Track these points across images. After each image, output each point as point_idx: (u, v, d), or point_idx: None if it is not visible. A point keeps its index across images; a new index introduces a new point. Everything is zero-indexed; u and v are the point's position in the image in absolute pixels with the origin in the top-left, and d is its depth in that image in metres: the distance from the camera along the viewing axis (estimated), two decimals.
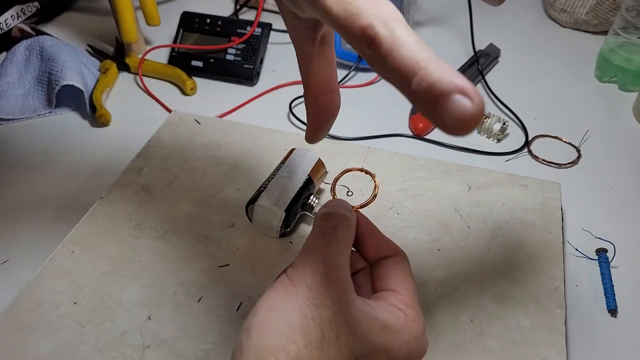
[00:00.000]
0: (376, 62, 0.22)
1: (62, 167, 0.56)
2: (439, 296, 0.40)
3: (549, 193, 0.48)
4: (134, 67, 0.68)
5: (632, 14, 0.62)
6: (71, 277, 0.41)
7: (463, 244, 0.44)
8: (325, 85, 0.33)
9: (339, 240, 0.29)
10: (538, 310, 0.39)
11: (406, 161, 0.52)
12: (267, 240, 0.44)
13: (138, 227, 0.45)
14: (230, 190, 0.49)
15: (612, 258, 0.46)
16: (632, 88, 0.66)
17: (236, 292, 0.40)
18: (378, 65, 0.22)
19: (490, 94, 0.66)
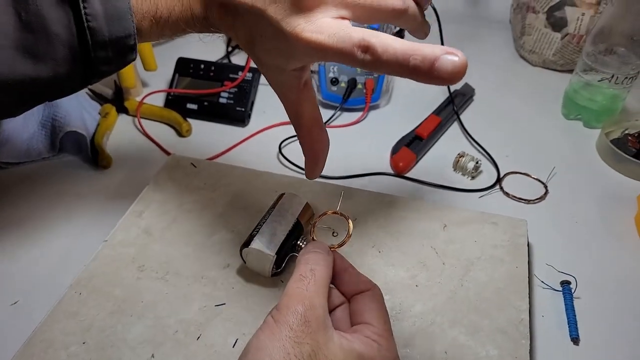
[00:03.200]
0: (375, 62, 0.29)
1: (65, 209, 0.59)
2: (416, 330, 0.44)
3: (516, 230, 0.53)
4: (132, 110, 0.72)
5: (591, 58, 0.68)
6: (79, 318, 0.45)
7: (438, 279, 0.49)
8: (314, 123, 0.38)
9: (317, 282, 0.34)
10: (505, 341, 0.43)
11: (387, 201, 0.56)
12: (260, 279, 0.48)
13: (140, 268, 0.49)
14: (225, 231, 0.53)
15: (575, 289, 0.51)
16: (596, 125, 0.71)
17: (232, 330, 0.44)
18: (377, 64, 0.29)
19: (465, 133, 0.71)
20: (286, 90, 0.37)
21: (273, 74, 0.37)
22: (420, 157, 0.67)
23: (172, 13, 0.36)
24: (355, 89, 0.73)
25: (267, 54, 0.34)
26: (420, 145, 0.67)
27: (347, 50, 0.30)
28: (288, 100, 0.38)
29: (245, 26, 0.34)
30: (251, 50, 0.35)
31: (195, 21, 0.37)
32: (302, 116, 0.38)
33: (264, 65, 0.36)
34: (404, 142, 0.67)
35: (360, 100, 0.73)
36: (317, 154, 0.40)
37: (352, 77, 0.73)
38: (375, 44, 0.29)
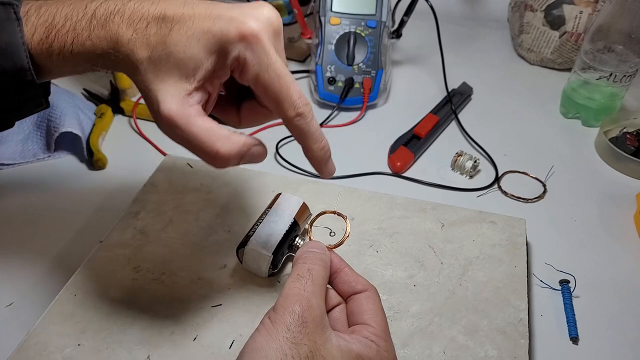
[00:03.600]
0: (302, 124, 0.34)
1: (61, 210, 0.59)
2: (414, 330, 0.44)
3: (514, 229, 0.52)
4: (128, 110, 0.72)
5: (589, 56, 0.67)
6: (75, 320, 0.45)
7: (437, 279, 0.48)
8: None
9: (314, 282, 0.34)
10: (504, 341, 0.43)
11: (385, 200, 0.56)
12: (256, 280, 0.48)
13: (136, 269, 0.49)
14: (222, 232, 0.52)
15: (574, 288, 0.50)
16: (594, 124, 0.71)
17: (228, 330, 0.44)
18: (303, 127, 0.35)
19: (463, 132, 0.70)
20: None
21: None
22: (418, 156, 0.67)
23: (65, 47, 0.34)
24: (352, 88, 0.73)
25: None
26: (418, 145, 0.67)
27: (291, 112, 0.34)
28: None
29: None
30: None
31: (96, 58, 0.35)
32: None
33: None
34: (402, 142, 0.67)
35: (357, 99, 0.73)
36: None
37: (349, 77, 0.73)
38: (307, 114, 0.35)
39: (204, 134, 0.33)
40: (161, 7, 0.33)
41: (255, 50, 0.32)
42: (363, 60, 0.73)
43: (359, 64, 0.73)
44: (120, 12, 0.33)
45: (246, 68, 0.33)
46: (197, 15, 0.32)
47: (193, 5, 0.33)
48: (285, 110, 0.34)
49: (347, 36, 0.72)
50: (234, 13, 0.32)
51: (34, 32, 0.34)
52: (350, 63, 0.73)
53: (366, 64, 0.73)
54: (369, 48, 0.73)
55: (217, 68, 0.33)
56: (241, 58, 0.32)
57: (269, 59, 0.33)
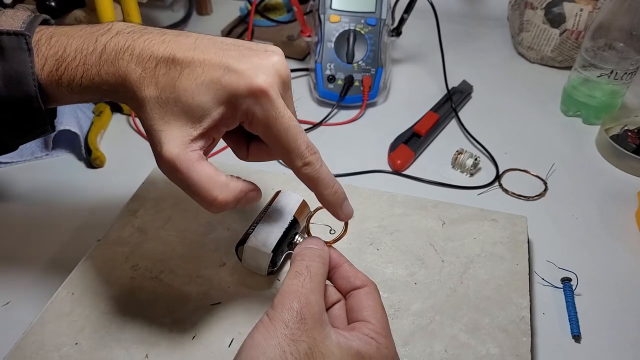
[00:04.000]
0: (310, 173, 0.35)
1: (59, 208, 0.58)
2: (415, 328, 0.44)
3: (516, 227, 0.52)
4: (127, 108, 0.72)
5: (590, 54, 0.67)
6: (72, 319, 0.44)
7: (438, 277, 0.48)
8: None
9: (312, 279, 0.33)
10: (506, 339, 0.43)
11: (385, 198, 0.55)
12: (256, 278, 0.47)
13: (134, 268, 0.48)
14: (221, 229, 0.52)
15: (576, 286, 0.50)
16: (595, 122, 0.71)
17: (228, 329, 0.43)
18: (311, 175, 0.35)
19: (463, 130, 0.70)
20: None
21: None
22: (418, 154, 0.66)
23: (74, 80, 0.34)
24: (352, 86, 0.72)
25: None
26: (419, 143, 0.66)
27: (299, 162, 0.35)
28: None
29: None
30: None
31: (105, 92, 0.35)
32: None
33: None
34: (402, 140, 0.66)
35: (357, 97, 0.73)
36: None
37: (349, 75, 0.72)
38: (316, 162, 0.36)
39: (204, 180, 0.33)
40: (171, 47, 0.33)
41: (264, 105, 0.32)
42: (363, 58, 0.72)
43: (358, 62, 0.72)
44: (130, 49, 0.33)
45: (254, 121, 0.33)
46: (208, 62, 0.33)
47: (203, 49, 0.33)
48: (293, 161, 0.34)
49: (346, 34, 0.72)
50: (243, 66, 0.32)
51: (44, 63, 0.34)
52: (349, 61, 0.72)
53: (366, 61, 0.72)
54: (369, 46, 0.72)
55: (225, 118, 0.33)
56: (250, 112, 0.33)
57: (277, 112, 0.33)
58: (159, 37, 0.34)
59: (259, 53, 0.34)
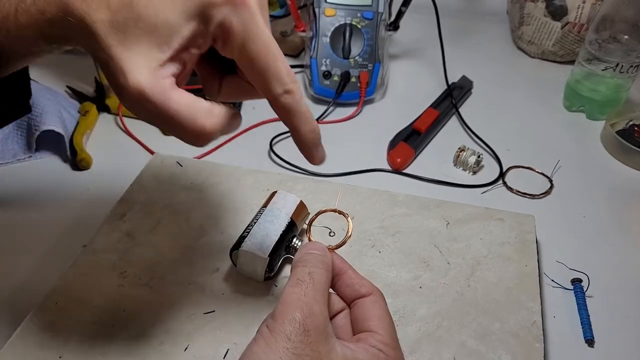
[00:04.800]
0: (291, 103, 0.30)
1: (43, 213, 0.56)
2: (422, 335, 0.41)
3: (523, 226, 0.50)
4: (114, 108, 0.69)
5: (594, 47, 0.65)
6: (56, 330, 0.41)
7: (443, 280, 0.45)
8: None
9: (315, 287, 0.30)
10: (518, 345, 0.40)
11: (385, 198, 0.53)
12: (251, 284, 0.45)
13: (122, 275, 0.45)
14: (214, 233, 0.49)
15: (587, 288, 0.48)
16: (599, 117, 0.69)
17: (222, 339, 0.41)
18: (291, 106, 0.31)
19: (464, 126, 0.68)
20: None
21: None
22: (418, 152, 0.64)
23: (9, 18, 0.29)
24: (348, 82, 0.70)
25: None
26: (419, 140, 0.64)
27: (277, 91, 0.30)
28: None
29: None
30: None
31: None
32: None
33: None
34: (402, 137, 0.64)
35: (354, 94, 0.70)
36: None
37: (345, 70, 0.70)
38: (296, 91, 0.31)
39: (185, 108, 0.28)
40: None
41: (243, 15, 0.28)
42: (359, 53, 0.70)
43: (355, 57, 0.70)
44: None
45: (231, 36, 0.28)
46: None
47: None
48: (272, 87, 0.30)
49: (342, 28, 0.69)
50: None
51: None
52: (346, 56, 0.70)
53: (363, 57, 0.70)
54: (366, 40, 0.70)
55: (197, 35, 0.28)
56: (226, 24, 0.28)
57: (257, 27, 0.28)
58: None
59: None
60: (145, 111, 0.28)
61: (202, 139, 0.29)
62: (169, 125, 0.29)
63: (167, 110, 0.28)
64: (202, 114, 0.29)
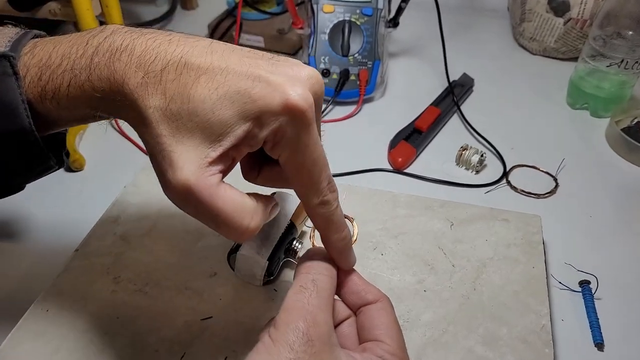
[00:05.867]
0: (325, 213, 0.31)
1: (34, 216, 0.54)
2: (427, 340, 0.40)
3: (529, 227, 0.48)
4: None
5: (599, 42, 0.64)
6: (47, 339, 0.40)
7: (449, 283, 0.44)
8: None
9: (319, 294, 0.29)
10: (527, 350, 0.39)
11: (387, 198, 0.51)
12: (250, 288, 0.43)
13: (116, 280, 0.44)
14: (212, 236, 0.48)
15: (595, 289, 0.46)
16: (604, 114, 0.67)
17: (220, 347, 0.39)
18: (325, 216, 0.31)
19: (467, 125, 0.66)
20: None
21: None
22: (420, 151, 0.62)
23: (60, 90, 0.29)
24: (348, 80, 0.69)
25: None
26: (420, 139, 0.63)
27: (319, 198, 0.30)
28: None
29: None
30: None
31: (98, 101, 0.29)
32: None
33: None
34: (403, 136, 0.63)
35: (353, 92, 0.69)
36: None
37: (344, 68, 0.68)
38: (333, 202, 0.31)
39: (231, 208, 0.27)
40: (182, 49, 0.27)
41: (298, 127, 0.27)
42: (359, 51, 0.68)
43: (354, 55, 0.68)
44: (129, 50, 0.27)
45: (281, 144, 0.28)
46: (232, 70, 0.27)
47: (223, 54, 0.27)
48: (309, 197, 0.29)
49: (341, 25, 0.68)
50: (277, 77, 0.27)
51: (25, 73, 0.29)
52: (345, 54, 0.68)
53: (362, 54, 0.68)
54: (365, 37, 0.68)
55: (249, 137, 0.27)
56: (280, 132, 0.27)
57: (310, 140, 0.27)
58: (165, 36, 0.28)
59: (289, 64, 0.28)
60: (191, 207, 0.28)
61: (245, 237, 0.29)
62: (214, 222, 0.28)
63: (214, 209, 0.27)
64: (249, 214, 0.28)
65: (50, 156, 0.32)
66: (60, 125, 0.32)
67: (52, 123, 0.31)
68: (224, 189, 0.28)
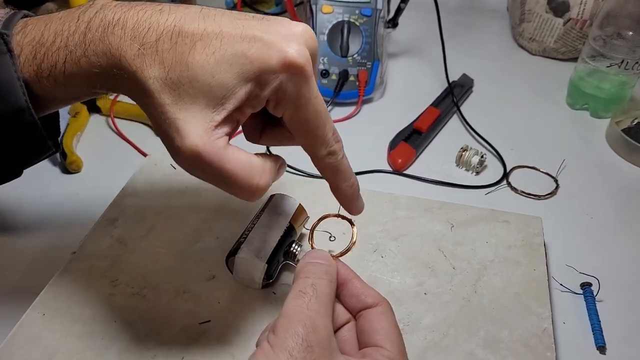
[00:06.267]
0: (334, 163, 0.33)
1: (31, 218, 0.53)
2: (427, 344, 0.39)
3: (530, 228, 0.48)
4: (105, 109, 0.67)
5: (599, 43, 0.63)
6: (43, 343, 0.39)
7: (449, 286, 0.44)
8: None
9: (319, 299, 0.29)
10: (528, 354, 0.39)
11: (387, 200, 0.51)
12: (249, 292, 0.43)
13: (113, 283, 0.43)
14: (210, 239, 0.47)
15: (597, 292, 0.46)
16: (604, 115, 0.67)
17: (219, 351, 0.39)
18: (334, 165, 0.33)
19: (466, 125, 0.66)
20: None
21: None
22: (419, 152, 0.62)
23: (56, 67, 0.29)
24: (347, 81, 0.68)
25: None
26: (420, 140, 0.62)
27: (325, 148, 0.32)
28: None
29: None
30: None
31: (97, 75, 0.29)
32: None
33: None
34: (402, 137, 0.62)
35: (353, 93, 0.68)
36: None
37: (343, 69, 0.68)
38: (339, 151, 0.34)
39: (240, 168, 0.28)
40: (174, 18, 0.27)
41: (298, 82, 0.28)
42: (358, 51, 0.68)
43: (353, 56, 0.68)
44: (122, 22, 0.28)
45: (284, 101, 0.28)
46: (226, 34, 0.27)
47: (215, 19, 0.28)
48: (317, 150, 0.30)
49: (340, 25, 0.68)
50: (272, 36, 0.27)
51: (19, 52, 0.29)
52: (344, 54, 0.68)
53: (361, 55, 0.68)
54: (364, 38, 0.68)
55: (251, 98, 0.28)
56: (281, 90, 0.28)
57: (311, 94, 0.28)
58: (155, 7, 0.28)
59: (282, 22, 0.29)
60: (200, 171, 0.28)
61: (257, 196, 0.30)
62: (225, 184, 0.29)
63: (223, 171, 0.28)
64: (257, 173, 0.29)
65: (46, 138, 0.31)
66: (57, 104, 0.32)
67: (50, 102, 0.31)
68: (231, 150, 0.28)
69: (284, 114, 0.29)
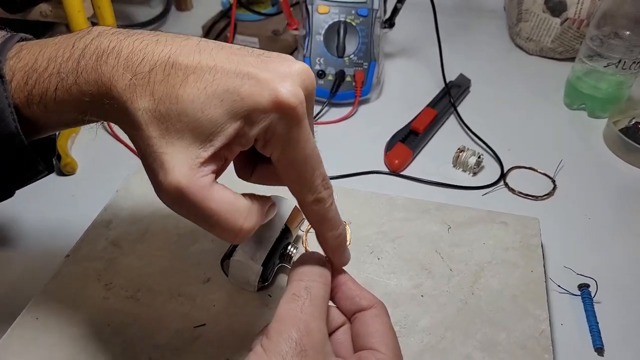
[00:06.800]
0: (320, 210, 0.31)
1: (25, 221, 0.53)
2: (424, 347, 0.39)
3: (528, 229, 0.48)
4: None
5: (596, 42, 0.63)
6: (37, 347, 0.39)
7: (446, 288, 0.43)
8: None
9: (312, 302, 0.28)
10: (526, 356, 0.38)
11: (384, 201, 0.51)
12: (244, 294, 0.42)
13: (107, 286, 0.43)
14: (205, 241, 0.47)
15: (595, 293, 0.46)
16: (601, 115, 0.67)
17: (214, 354, 0.39)
18: (320, 213, 0.31)
19: (464, 126, 0.66)
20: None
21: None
22: (416, 153, 0.62)
23: (47, 94, 0.28)
24: (343, 82, 0.68)
25: None
26: (417, 141, 0.62)
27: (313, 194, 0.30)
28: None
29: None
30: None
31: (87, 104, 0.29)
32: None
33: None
34: (399, 138, 0.62)
35: (349, 94, 0.68)
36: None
37: (340, 69, 0.68)
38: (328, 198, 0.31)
39: (224, 208, 0.27)
40: (169, 49, 0.27)
41: (289, 123, 0.26)
42: (354, 52, 0.68)
43: (350, 56, 0.68)
44: (116, 51, 0.27)
45: (272, 141, 0.27)
46: (220, 69, 0.26)
47: (211, 53, 0.27)
48: (303, 195, 0.29)
49: (336, 26, 0.67)
50: (266, 74, 0.26)
51: (12, 77, 0.28)
52: (340, 55, 0.68)
53: (358, 55, 0.68)
54: (361, 38, 0.68)
55: (240, 136, 0.27)
56: (270, 130, 0.27)
57: (300, 136, 0.27)
58: (152, 37, 0.28)
59: (280, 59, 0.28)
60: (183, 209, 0.27)
61: (239, 238, 0.29)
62: (207, 223, 0.28)
63: (206, 210, 0.27)
64: (242, 214, 0.28)
65: (39, 161, 0.31)
66: (48, 129, 0.32)
67: (40, 128, 0.31)
68: (216, 189, 0.27)
69: (272, 154, 0.28)
